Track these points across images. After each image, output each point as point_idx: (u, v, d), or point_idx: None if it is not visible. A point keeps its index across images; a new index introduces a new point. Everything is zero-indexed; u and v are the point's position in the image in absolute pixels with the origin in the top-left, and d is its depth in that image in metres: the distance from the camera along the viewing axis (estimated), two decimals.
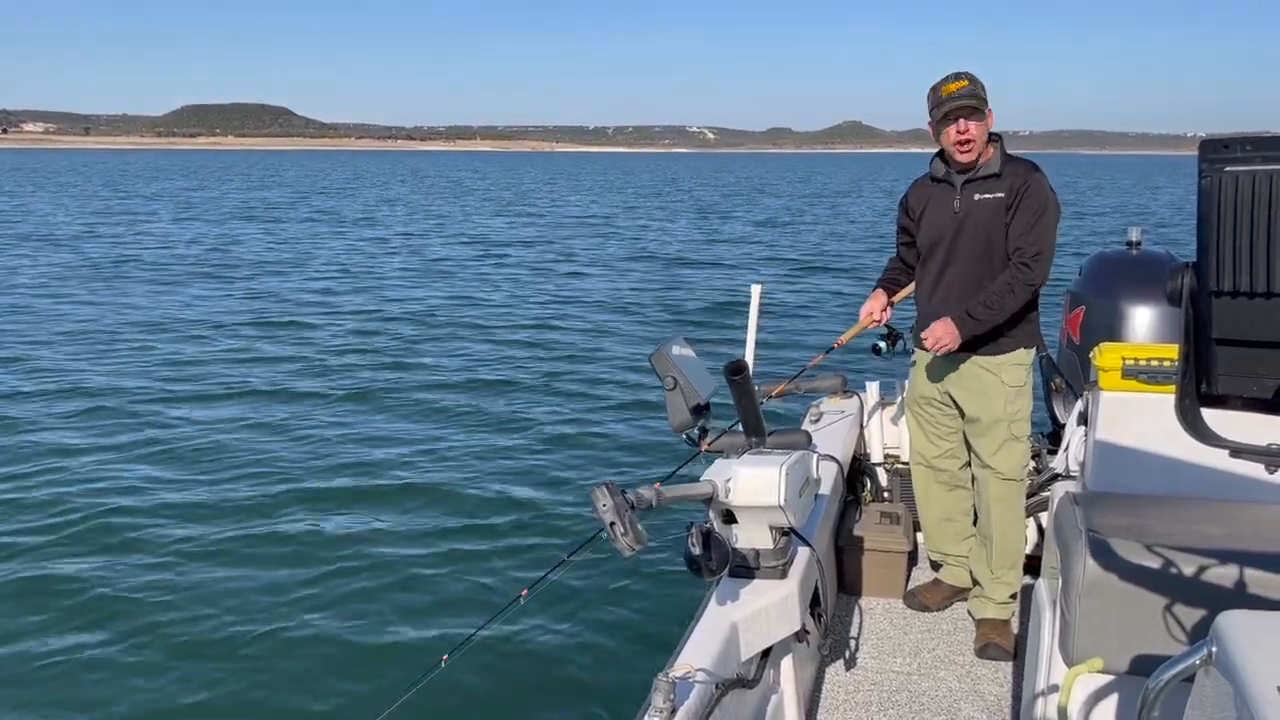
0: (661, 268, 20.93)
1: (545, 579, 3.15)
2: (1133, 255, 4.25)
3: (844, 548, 3.86)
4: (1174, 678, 1.40)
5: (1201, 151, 1.34)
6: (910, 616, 3.76)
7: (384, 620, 5.19)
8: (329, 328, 13.65)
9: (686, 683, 2.05)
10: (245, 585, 5.56)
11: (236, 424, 8.71)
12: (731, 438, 2.63)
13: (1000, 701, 3.18)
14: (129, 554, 5.95)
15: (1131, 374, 2.82)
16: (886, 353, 3.84)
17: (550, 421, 8.91)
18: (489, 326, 13.93)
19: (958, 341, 3.28)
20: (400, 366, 11.26)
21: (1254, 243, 1.29)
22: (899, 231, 3.69)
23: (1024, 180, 3.27)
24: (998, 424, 3.41)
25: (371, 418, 9.04)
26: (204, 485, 7.14)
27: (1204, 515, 2.44)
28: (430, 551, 6.03)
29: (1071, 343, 4.25)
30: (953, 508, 3.73)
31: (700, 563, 2.14)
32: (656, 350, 2.50)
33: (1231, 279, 1.32)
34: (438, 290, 17.53)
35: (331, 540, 6.20)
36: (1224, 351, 1.39)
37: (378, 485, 7.22)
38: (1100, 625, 2.19)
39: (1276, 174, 1.27)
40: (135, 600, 5.35)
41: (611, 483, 1.99)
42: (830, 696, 3.21)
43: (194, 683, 4.58)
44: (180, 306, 15.22)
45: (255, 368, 11.06)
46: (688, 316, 14.88)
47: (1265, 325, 1.32)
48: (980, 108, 3.22)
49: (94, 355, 11.60)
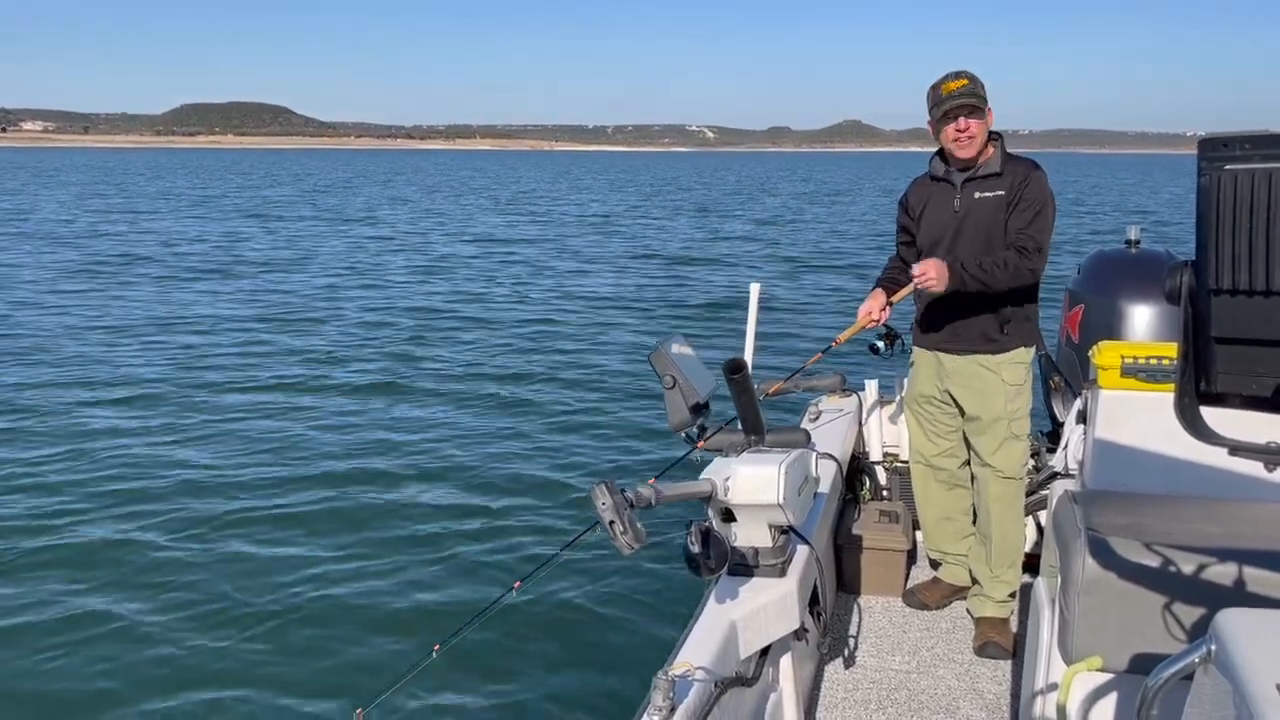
0: (661, 266, 20.92)
1: (539, 571, 3.16)
2: (1131, 254, 4.25)
3: (843, 546, 3.86)
4: (1173, 676, 1.40)
5: (1201, 150, 1.34)
6: (909, 615, 3.76)
7: (377, 605, 5.25)
8: (336, 322, 13.76)
9: (686, 681, 2.05)
10: (249, 560, 5.81)
11: (250, 412, 8.90)
12: (729, 435, 2.63)
13: (999, 700, 3.18)
14: (145, 523, 6.31)
15: (1130, 372, 2.82)
16: (884, 353, 3.84)
17: (549, 416, 8.95)
18: (491, 322, 13.96)
19: (944, 284, 3.22)
20: (406, 359, 11.41)
21: (1253, 241, 1.29)
22: (899, 230, 3.69)
23: (1025, 177, 3.28)
24: (998, 422, 3.41)
25: (376, 408, 9.18)
26: (223, 467, 7.42)
27: (1203, 514, 2.44)
28: (429, 540, 6.11)
29: (1070, 341, 4.25)
30: (952, 506, 3.73)
31: (699, 561, 2.14)
32: (655, 349, 2.50)
33: (1231, 277, 1.32)
34: (441, 286, 17.58)
35: (332, 522, 6.40)
36: (1223, 350, 1.39)
37: (378, 473, 7.34)
38: (1099, 624, 2.19)
39: (1276, 172, 1.27)
40: (151, 568, 5.70)
41: (611, 481, 1.98)
42: (829, 694, 3.22)
43: (208, 652, 4.80)
44: (202, 301, 15.36)
45: (270, 360, 11.29)
46: (687, 314, 14.89)
47: (1264, 323, 1.32)
48: (980, 106, 3.22)
49: (127, 346, 11.86)
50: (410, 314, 14.59)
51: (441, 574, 5.64)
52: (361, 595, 5.38)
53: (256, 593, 5.39)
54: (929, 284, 3.23)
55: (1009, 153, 3.37)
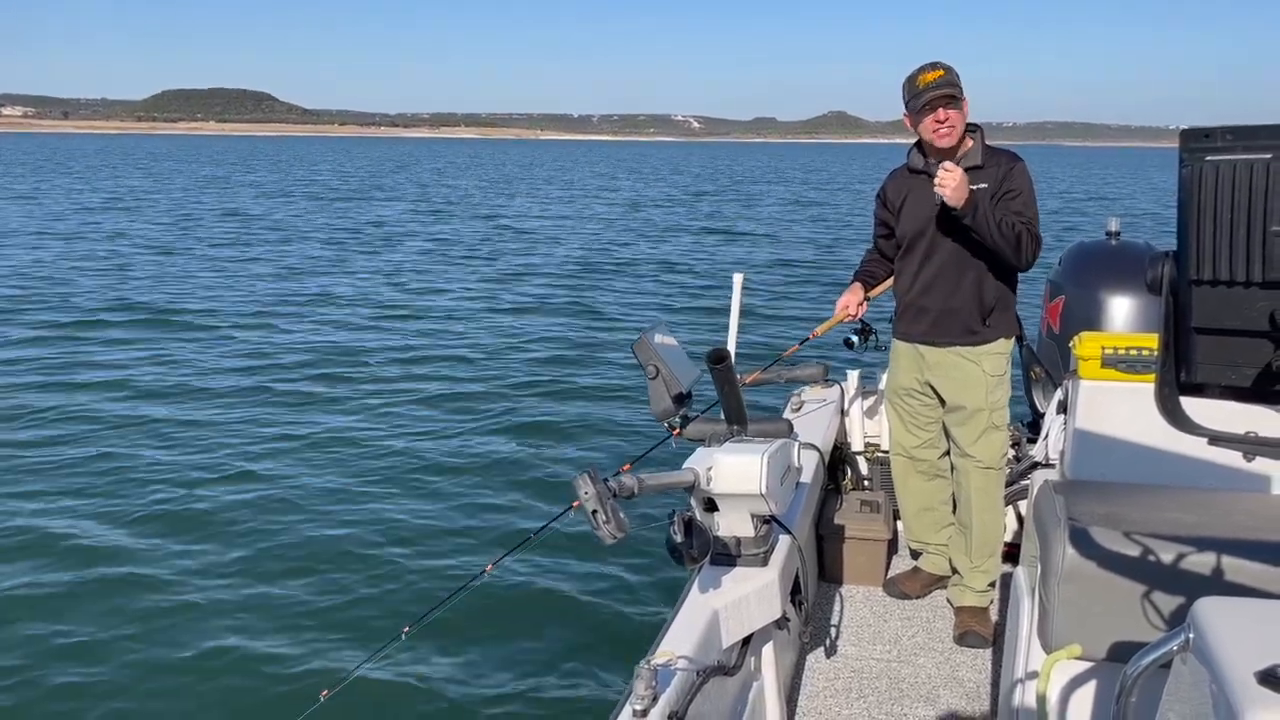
0: (645, 254, 20.91)
1: (509, 555, 3.15)
2: (1112, 245, 4.28)
3: (825, 536, 3.88)
4: (1151, 664, 1.40)
5: (1182, 141, 1.34)
6: (890, 604, 3.78)
7: (344, 586, 5.25)
8: (337, 315, 13.70)
9: (668, 670, 2.05)
10: (213, 538, 5.85)
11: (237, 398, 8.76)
12: (712, 425, 2.63)
13: (979, 688, 3.20)
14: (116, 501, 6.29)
15: (1111, 363, 2.83)
16: (859, 347, 3.85)
17: (528, 405, 8.94)
18: (474, 312, 13.93)
19: (958, 202, 3.09)
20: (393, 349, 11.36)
21: (1234, 232, 1.29)
22: (877, 224, 3.67)
23: (1009, 168, 3.28)
24: (979, 413, 3.42)
25: (345, 398, 9.14)
26: (189, 446, 7.41)
27: (1182, 503, 2.46)
28: (400, 524, 6.11)
29: (1051, 332, 4.28)
30: (932, 497, 3.74)
31: (682, 550, 2.14)
32: (639, 338, 2.49)
33: (1211, 268, 1.32)
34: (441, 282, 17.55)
35: (298, 505, 6.41)
36: (1203, 340, 1.39)
37: (351, 458, 7.35)
38: (1078, 612, 2.20)
39: (1257, 163, 1.27)
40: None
41: (593, 470, 1.98)
42: (810, 683, 3.23)
43: (173, 632, 4.79)
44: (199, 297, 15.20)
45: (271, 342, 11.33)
46: (670, 304, 14.89)
47: (1244, 314, 1.32)
48: (958, 95, 3.22)
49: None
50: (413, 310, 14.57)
51: (413, 558, 5.63)
52: (329, 576, 5.37)
53: (219, 574, 5.38)
54: (946, 192, 3.08)
55: (989, 145, 3.37)
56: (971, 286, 3.35)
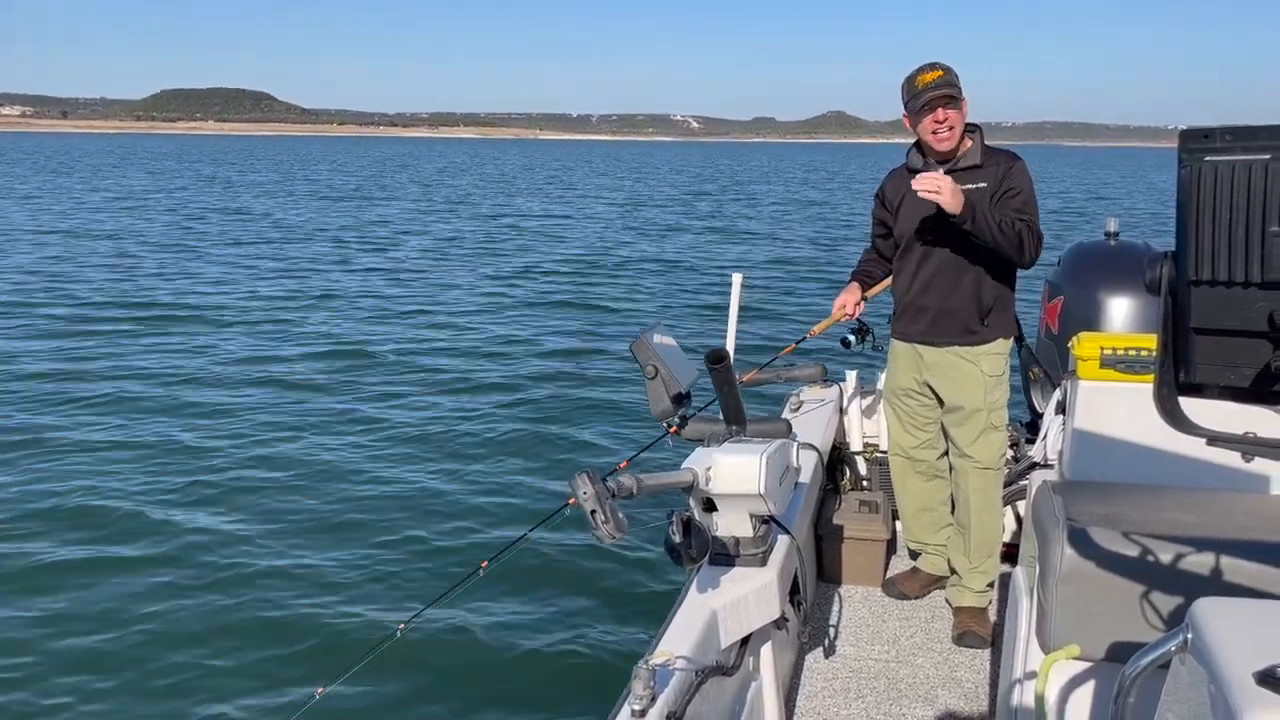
0: (645, 256, 20.91)
1: (506, 553, 3.15)
2: (1110, 245, 4.28)
3: (823, 536, 3.88)
4: (1150, 664, 1.40)
5: (1181, 141, 1.34)
6: (888, 604, 3.78)
7: (341, 584, 5.26)
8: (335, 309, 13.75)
9: (666, 670, 2.05)
10: (210, 535, 5.91)
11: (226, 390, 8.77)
12: (711, 425, 2.63)
13: (977, 688, 3.20)
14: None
15: (1110, 363, 2.83)
16: (855, 346, 3.85)
17: (527, 404, 8.94)
18: (474, 311, 13.93)
19: (955, 207, 3.03)
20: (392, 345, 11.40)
21: (1232, 233, 1.29)
22: (875, 224, 3.66)
23: (1008, 168, 3.28)
24: (978, 413, 3.42)
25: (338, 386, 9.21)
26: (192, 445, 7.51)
27: (1181, 504, 2.46)
28: (397, 521, 6.13)
29: (1050, 332, 4.28)
30: (931, 497, 3.74)
31: (680, 550, 2.14)
32: (638, 338, 2.49)
33: (1210, 268, 1.32)
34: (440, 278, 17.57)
35: (296, 502, 6.47)
36: (1202, 341, 1.39)
37: (342, 454, 7.38)
38: (1077, 613, 2.20)
39: (1256, 164, 1.27)
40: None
41: (592, 470, 1.98)
42: (809, 683, 3.23)
43: (168, 628, 4.85)
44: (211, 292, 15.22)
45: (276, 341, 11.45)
46: (669, 304, 14.89)
47: (1243, 315, 1.32)
48: (957, 96, 3.22)
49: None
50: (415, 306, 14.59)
51: (410, 559, 5.63)
52: (325, 575, 5.37)
53: (216, 570, 5.40)
54: (939, 198, 3.02)
55: (988, 145, 3.37)
56: (970, 286, 3.35)
